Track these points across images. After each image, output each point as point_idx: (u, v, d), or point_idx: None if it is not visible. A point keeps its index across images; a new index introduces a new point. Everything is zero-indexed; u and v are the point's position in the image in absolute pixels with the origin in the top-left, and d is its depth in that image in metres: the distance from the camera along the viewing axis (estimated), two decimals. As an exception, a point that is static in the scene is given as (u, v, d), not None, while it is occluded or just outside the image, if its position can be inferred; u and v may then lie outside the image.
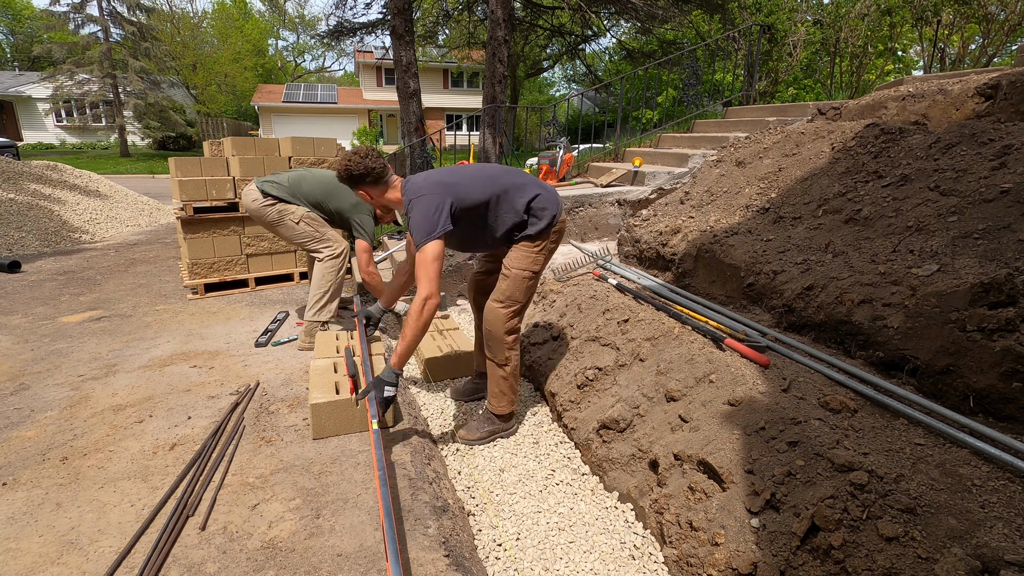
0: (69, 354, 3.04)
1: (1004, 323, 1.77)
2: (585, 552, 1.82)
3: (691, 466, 1.86)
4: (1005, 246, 2.12)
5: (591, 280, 3.57)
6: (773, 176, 3.76)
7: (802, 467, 1.59)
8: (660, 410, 2.18)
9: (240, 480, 1.94)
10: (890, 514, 1.39)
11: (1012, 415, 1.73)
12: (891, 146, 3.24)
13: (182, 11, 28.35)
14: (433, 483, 2.03)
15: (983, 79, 3.58)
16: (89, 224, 6.66)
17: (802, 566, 1.42)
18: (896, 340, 2.05)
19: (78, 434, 2.23)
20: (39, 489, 1.88)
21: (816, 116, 4.97)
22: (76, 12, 18.96)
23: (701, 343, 2.40)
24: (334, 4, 11.01)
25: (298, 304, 4.01)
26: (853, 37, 9.45)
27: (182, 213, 3.98)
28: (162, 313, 3.77)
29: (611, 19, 12.99)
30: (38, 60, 26.86)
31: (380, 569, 1.56)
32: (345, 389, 2.30)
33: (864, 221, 2.78)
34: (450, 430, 2.60)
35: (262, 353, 3.08)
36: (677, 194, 4.39)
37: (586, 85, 21.84)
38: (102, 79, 19.35)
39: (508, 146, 9.07)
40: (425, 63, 21.76)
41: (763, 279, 2.80)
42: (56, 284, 4.47)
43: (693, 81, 7.54)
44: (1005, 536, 1.30)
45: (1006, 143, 2.67)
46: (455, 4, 12.90)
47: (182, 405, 2.47)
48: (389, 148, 23.77)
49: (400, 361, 2.08)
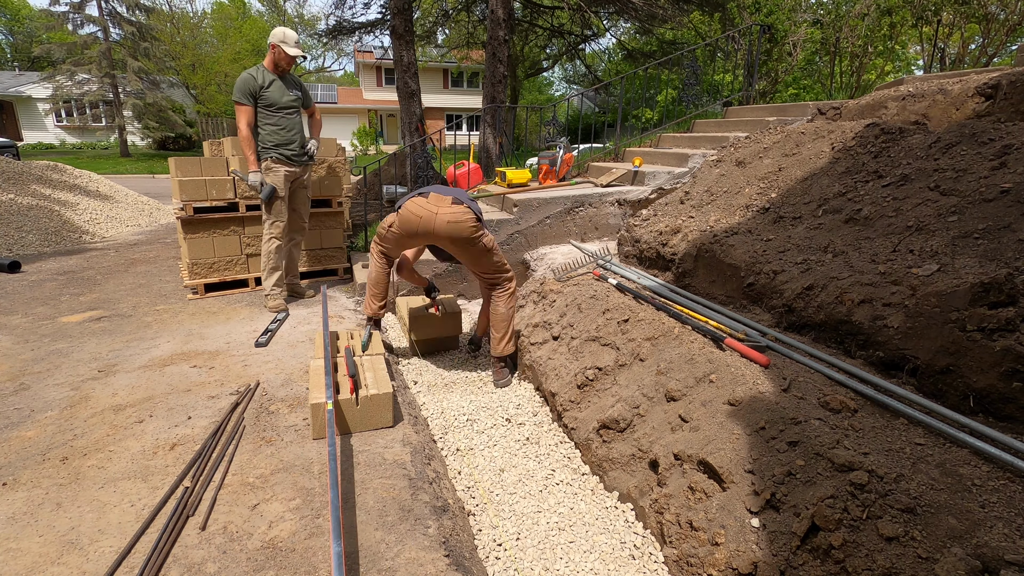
0: (69, 354, 3.04)
1: (1004, 323, 1.77)
2: (585, 552, 1.82)
3: (691, 466, 1.86)
4: (1005, 246, 2.12)
5: (591, 280, 3.57)
6: (773, 176, 3.76)
7: (802, 467, 1.59)
8: (660, 410, 2.18)
9: (240, 480, 1.94)
10: (890, 514, 1.39)
11: (1012, 415, 1.73)
12: (891, 146, 3.24)
13: (182, 11, 28.33)
14: (433, 483, 2.03)
15: (983, 79, 3.58)
16: (89, 224, 6.66)
17: (802, 566, 1.42)
18: (896, 340, 2.05)
19: (78, 434, 2.23)
20: (39, 489, 1.88)
21: (816, 116, 4.97)
22: (75, 12, 18.95)
23: (701, 343, 2.40)
24: (333, 4, 10.97)
25: (298, 304, 4.01)
26: (853, 37, 9.45)
27: (182, 213, 3.97)
28: (162, 313, 3.77)
29: (611, 19, 12.98)
30: (38, 60, 26.85)
31: (381, 568, 1.56)
32: (345, 389, 2.30)
33: (864, 221, 2.78)
34: (451, 430, 2.60)
35: (262, 353, 3.08)
36: (677, 194, 4.39)
37: (586, 85, 21.85)
38: (101, 79, 19.34)
39: (508, 146, 9.07)
40: (425, 63, 21.74)
41: (763, 279, 2.80)
42: (56, 284, 4.47)
43: (693, 81, 7.53)
44: (1005, 536, 1.30)
45: (1006, 143, 2.67)
46: (455, 4, 12.90)
47: (182, 405, 2.47)
48: (389, 148, 23.78)
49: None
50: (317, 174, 4.47)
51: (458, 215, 2.72)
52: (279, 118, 3.65)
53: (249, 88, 3.54)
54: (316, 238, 4.65)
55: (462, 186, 6.31)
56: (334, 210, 4.62)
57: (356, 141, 24.02)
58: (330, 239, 4.72)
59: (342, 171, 4.62)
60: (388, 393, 2.32)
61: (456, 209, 2.73)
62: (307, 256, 4.66)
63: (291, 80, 3.75)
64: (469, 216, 2.74)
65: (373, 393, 2.30)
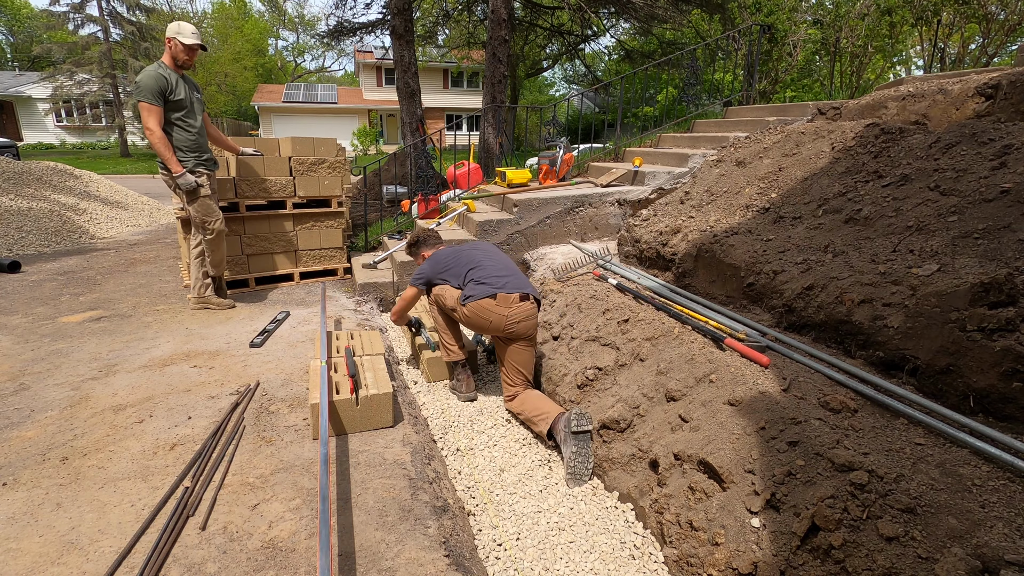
0: (69, 354, 3.04)
1: (1004, 323, 1.77)
2: (585, 552, 1.82)
3: (691, 466, 1.86)
4: (1005, 246, 2.12)
5: (591, 280, 3.57)
6: (773, 176, 3.76)
7: (802, 467, 1.59)
8: (660, 410, 2.18)
9: (240, 480, 1.94)
10: (890, 514, 1.39)
11: (1012, 415, 1.73)
12: (891, 146, 3.24)
13: (182, 11, 28.34)
14: (433, 483, 2.03)
15: (983, 79, 3.57)
16: (89, 224, 6.66)
17: (802, 566, 1.42)
18: (896, 340, 2.05)
19: (78, 434, 2.23)
20: (39, 489, 1.88)
21: (816, 116, 4.97)
22: (76, 12, 18.95)
23: (701, 343, 2.40)
24: (334, 4, 11.01)
25: (298, 304, 4.01)
26: (853, 37, 9.45)
27: (182, 213, 3.98)
28: (162, 313, 3.77)
29: (611, 19, 12.99)
30: (38, 60, 26.85)
31: (381, 569, 1.56)
32: (345, 389, 2.30)
33: (864, 221, 2.78)
34: (450, 429, 2.60)
35: (262, 353, 3.08)
36: (677, 194, 4.39)
37: (586, 85, 21.84)
38: (102, 79, 19.35)
39: (508, 146, 9.07)
40: (425, 63, 21.75)
41: (763, 279, 2.80)
42: (56, 284, 4.47)
43: (693, 81, 7.53)
44: (1005, 536, 1.30)
45: (1006, 143, 2.67)
46: (455, 4, 12.90)
47: (182, 405, 2.47)
48: (389, 148, 23.78)
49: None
50: (316, 174, 4.47)
51: (526, 310, 2.68)
52: (192, 121, 3.47)
53: (160, 87, 3.28)
54: (316, 238, 4.65)
55: (462, 186, 6.30)
56: (334, 210, 4.62)
57: (356, 141, 24.03)
58: (330, 239, 4.72)
59: (342, 171, 4.62)
60: (388, 393, 2.33)
61: (525, 306, 2.68)
62: (307, 256, 4.66)
63: (190, 80, 3.59)
64: (535, 312, 2.74)
65: (373, 393, 2.30)
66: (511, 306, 2.65)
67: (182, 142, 3.46)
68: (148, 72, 3.31)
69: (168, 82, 3.34)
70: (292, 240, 4.53)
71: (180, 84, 3.42)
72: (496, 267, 2.82)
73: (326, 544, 1.38)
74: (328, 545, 1.38)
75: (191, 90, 3.54)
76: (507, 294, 2.67)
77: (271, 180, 4.31)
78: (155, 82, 3.28)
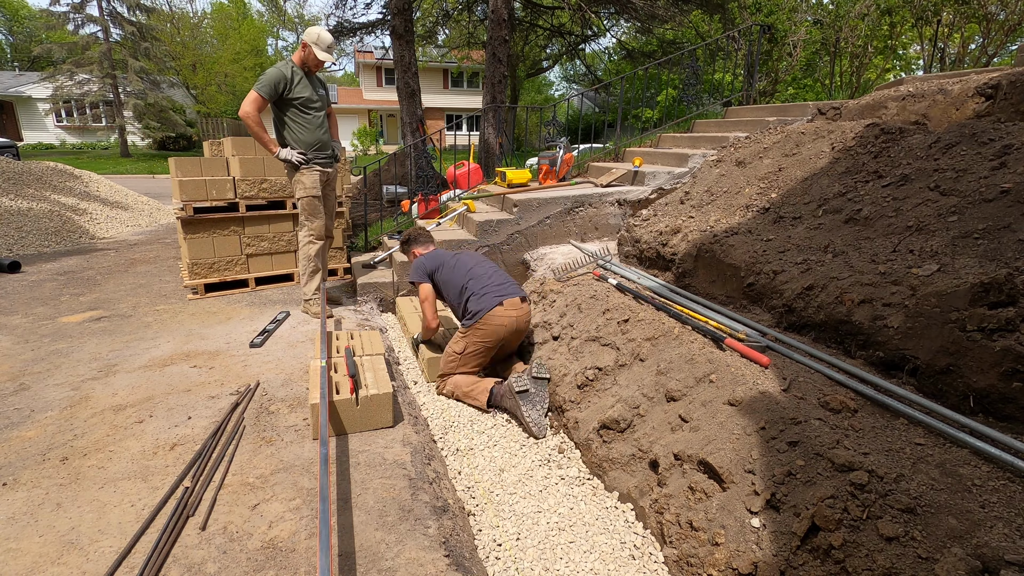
0: (69, 354, 3.04)
1: (1004, 323, 1.77)
2: (585, 552, 1.82)
3: (691, 466, 1.86)
4: (1005, 246, 2.12)
5: (591, 280, 3.56)
6: (773, 176, 3.76)
7: (802, 467, 1.59)
8: (660, 410, 2.18)
9: (240, 480, 1.94)
10: (890, 514, 1.39)
11: (1012, 415, 1.73)
12: (891, 146, 3.24)
13: (182, 11, 28.32)
14: (433, 483, 2.03)
15: (983, 79, 3.57)
16: (89, 224, 6.66)
17: (802, 566, 1.42)
18: (896, 340, 2.05)
19: (78, 434, 2.23)
20: (39, 489, 1.88)
21: (816, 116, 4.97)
22: (76, 12, 18.96)
23: (701, 343, 2.40)
24: (334, 4, 10.99)
25: (298, 304, 4.01)
26: (853, 37, 9.45)
27: (182, 213, 3.98)
28: (162, 313, 3.77)
29: (611, 19, 12.99)
30: (38, 60, 26.85)
31: (381, 569, 1.56)
32: (345, 389, 2.30)
33: (864, 221, 2.78)
34: (450, 430, 2.60)
35: (262, 353, 3.08)
36: (677, 194, 4.39)
37: (586, 85, 21.85)
38: (102, 79, 19.35)
39: (508, 146, 9.07)
40: (425, 63, 21.75)
41: (763, 279, 2.80)
42: (56, 284, 4.47)
43: (693, 81, 7.53)
44: (1005, 536, 1.30)
45: (1006, 143, 2.67)
46: (455, 4, 12.90)
47: (182, 405, 2.47)
48: (389, 148, 23.78)
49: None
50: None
51: (527, 313, 2.97)
52: (311, 117, 3.54)
53: (275, 83, 3.36)
54: (316, 238, 4.65)
55: (462, 186, 6.30)
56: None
57: (356, 141, 24.03)
58: (330, 239, 4.72)
59: (342, 171, 4.61)
60: (388, 393, 2.33)
61: (525, 308, 2.95)
62: (307, 256, 4.65)
63: (317, 79, 3.66)
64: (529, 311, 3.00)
65: (373, 393, 2.30)
66: (518, 309, 2.86)
67: (299, 135, 3.55)
68: (274, 66, 3.46)
69: (287, 79, 3.42)
70: (292, 240, 4.53)
71: (303, 82, 3.50)
72: (488, 273, 2.98)
73: (326, 544, 1.37)
74: (328, 545, 1.37)
75: (316, 88, 3.61)
76: (511, 299, 2.86)
77: (271, 180, 4.31)
78: (271, 78, 3.39)
